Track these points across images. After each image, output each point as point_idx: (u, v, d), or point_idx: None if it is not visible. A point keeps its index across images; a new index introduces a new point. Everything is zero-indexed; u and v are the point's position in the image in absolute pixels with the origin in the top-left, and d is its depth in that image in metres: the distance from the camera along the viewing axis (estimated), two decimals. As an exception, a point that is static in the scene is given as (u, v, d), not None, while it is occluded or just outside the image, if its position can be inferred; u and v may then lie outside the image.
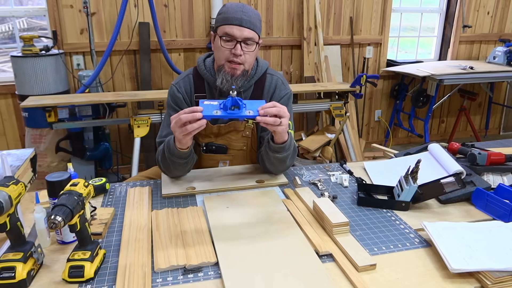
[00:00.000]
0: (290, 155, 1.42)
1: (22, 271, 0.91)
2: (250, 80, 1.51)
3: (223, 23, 1.39)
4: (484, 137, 4.87)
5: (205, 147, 1.55)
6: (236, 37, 1.38)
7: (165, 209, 1.26)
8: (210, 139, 1.54)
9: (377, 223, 1.21)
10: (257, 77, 1.53)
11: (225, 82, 1.42)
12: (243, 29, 1.37)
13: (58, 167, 3.00)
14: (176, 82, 1.55)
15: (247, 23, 1.38)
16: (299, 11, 3.79)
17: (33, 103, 2.58)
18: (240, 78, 1.44)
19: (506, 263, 0.95)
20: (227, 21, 1.38)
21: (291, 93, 1.59)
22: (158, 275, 0.97)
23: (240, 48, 1.39)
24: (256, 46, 1.43)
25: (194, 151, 1.49)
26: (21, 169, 1.26)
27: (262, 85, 1.55)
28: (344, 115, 3.28)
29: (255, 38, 1.41)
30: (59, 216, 0.89)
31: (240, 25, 1.37)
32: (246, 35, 1.38)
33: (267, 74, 1.57)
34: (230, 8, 1.39)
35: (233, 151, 1.57)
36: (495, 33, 4.61)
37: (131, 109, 2.88)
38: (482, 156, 1.46)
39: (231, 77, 1.42)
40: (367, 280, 0.94)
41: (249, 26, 1.38)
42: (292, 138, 1.44)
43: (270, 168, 1.47)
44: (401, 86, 4.29)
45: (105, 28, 3.32)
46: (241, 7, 1.39)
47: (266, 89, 1.55)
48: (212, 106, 1.21)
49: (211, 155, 1.56)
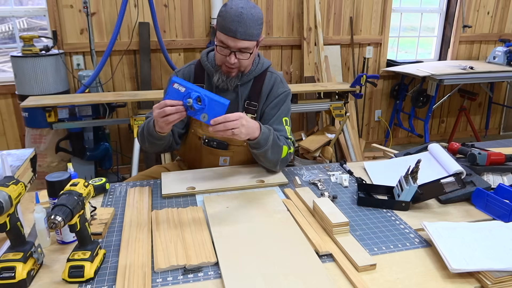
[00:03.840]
0: (269, 150, 1.40)
1: (22, 271, 0.91)
2: (249, 75, 1.53)
3: (220, 29, 1.39)
4: (484, 137, 4.87)
5: (206, 140, 1.56)
6: (231, 47, 1.38)
7: (165, 209, 1.26)
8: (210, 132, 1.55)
9: (377, 223, 1.21)
10: (257, 73, 1.54)
11: (220, 81, 1.48)
12: (237, 41, 1.37)
13: (58, 167, 3.00)
14: (178, 70, 1.61)
15: (242, 35, 1.36)
16: (299, 11, 3.79)
17: (33, 103, 2.58)
18: (235, 79, 1.49)
19: (506, 263, 0.95)
20: (223, 30, 1.37)
21: (289, 92, 1.60)
22: (158, 275, 0.97)
23: (235, 56, 1.40)
24: (254, 50, 1.44)
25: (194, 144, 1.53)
26: (21, 169, 1.26)
27: (262, 82, 1.56)
28: (344, 115, 3.28)
29: (250, 47, 1.40)
30: (59, 216, 0.89)
31: (234, 37, 1.36)
32: (240, 46, 1.38)
33: (267, 72, 1.58)
34: (228, 14, 1.35)
35: (234, 147, 1.58)
36: (495, 33, 4.61)
37: (131, 109, 2.88)
38: (482, 156, 1.46)
39: (226, 78, 1.48)
40: (367, 280, 0.94)
41: (244, 37, 1.36)
42: (274, 134, 1.42)
43: (261, 163, 1.51)
44: (401, 86, 4.29)
45: (105, 28, 3.32)
46: (239, 16, 1.34)
47: (265, 86, 1.56)
48: (178, 93, 1.19)
49: (212, 150, 1.57)
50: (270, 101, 1.56)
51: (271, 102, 1.56)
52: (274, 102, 1.56)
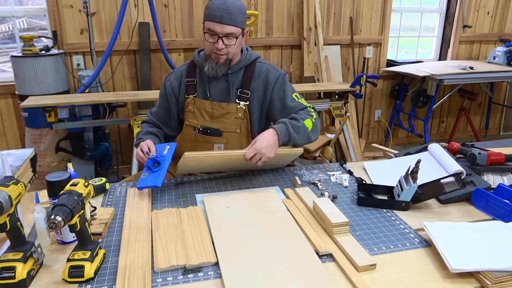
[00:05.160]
0: (296, 138, 1.51)
1: (22, 271, 0.91)
2: (238, 64, 1.61)
3: (207, 18, 1.51)
4: (484, 137, 4.87)
5: (201, 129, 1.63)
6: (218, 33, 1.49)
7: (165, 209, 1.26)
8: (204, 121, 1.62)
9: (377, 223, 1.21)
10: (246, 62, 1.63)
11: (211, 69, 1.57)
12: (224, 26, 1.48)
13: (58, 167, 3.00)
14: (171, 73, 1.72)
15: (228, 20, 1.47)
16: (299, 11, 3.79)
17: (33, 103, 2.58)
18: (223, 65, 1.57)
19: (506, 263, 0.95)
20: (210, 18, 1.49)
21: (285, 73, 1.67)
22: (158, 275, 0.97)
23: (222, 42, 1.50)
24: (239, 37, 1.53)
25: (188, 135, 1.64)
26: (21, 169, 1.26)
27: (252, 70, 1.63)
28: (344, 115, 3.27)
29: (236, 33, 1.51)
30: (59, 216, 0.89)
31: (221, 22, 1.47)
32: (227, 31, 1.49)
33: (257, 62, 1.65)
34: (214, 4, 1.48)
35: (227, 133, 1.62)
36: (495, 33, 4.61)
37: (131, 109, 2.88)
38: (482, 156, 1.46)
39: (215, 64, 1.56)
40: (367, 280, 0.95)
41: (229, 22, 1.48)
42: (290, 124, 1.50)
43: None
44: (401, 86, 4.29)
45: (105, 28, 3.32)
46: (224, 4, 1.47)
47: (256, 72, 1.63)
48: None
49: (206, 137, 1.63)
50: (272, 86, 1.62)
51: (273, 87, 1.62)
52: (276, 86, 1.62)
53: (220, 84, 1.61)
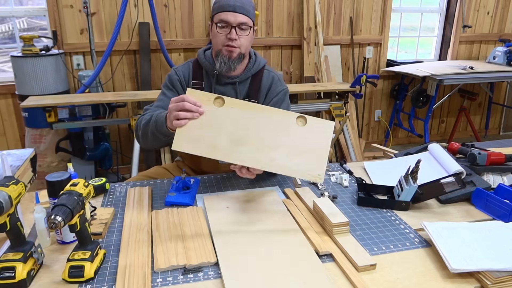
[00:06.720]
0: None
1: (22, 271, 0.91)
2: (247, 72, 1.56)
3: (218, 10, 1.47)
4: (484, 137, 4.87)
5: None
6: (231, 22, 1.45)
7: (165, 209, 1.26)
8: None
9: (377, 223, 1.21)
10: (255, 70, 1.58)
11: (223, 65, 1.49)
12: (237, 14, 1.45)
13: (58, 167, 3.00)
14: (177, 67, 1.64)
15: (240, 9, 1.45)
16: (299, 11, 3.79)
17: (33, 103, 2.58)
18: (236, 60, 1.49)
19: (506, 263, 0.95)
20: (222, 9, 1.46)
21: (287, 89, 1.64)
22: (158, 275, 0.97)
23: (235, 32, 1.46)
24: (250, 31, 1.50)
25: None
26: (21, 169, 1.26)
27: (260, 79, 1.60)
28: (344, 115, 3.27)
29: (249, 22, 1.48)
30: (59, 216, 0.89)
31: (234, 11, 1.44)
32: (240, 20, 1.45)
33: (264, 70, 1.62)
34: None
35: None
36: (495, 33, 4.61)
37: (131, 109, 2.88)
38: (482, 156, 1.46)
39: (228, 59, 1.48)
40: (367, 280, 0.94)
41: (242, 11, 1.45)
42: None
43: None
44: (401, 86, 4.29)
45: (105, 28, 3.32)
46: None
47: (263, 83, 1.60)
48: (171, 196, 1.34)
49: None
50: (270, 99, 1.58)
51: (271, 100, 1.58)
52: (274, 100, 1.58)
53: (227, 92, 1.54)
